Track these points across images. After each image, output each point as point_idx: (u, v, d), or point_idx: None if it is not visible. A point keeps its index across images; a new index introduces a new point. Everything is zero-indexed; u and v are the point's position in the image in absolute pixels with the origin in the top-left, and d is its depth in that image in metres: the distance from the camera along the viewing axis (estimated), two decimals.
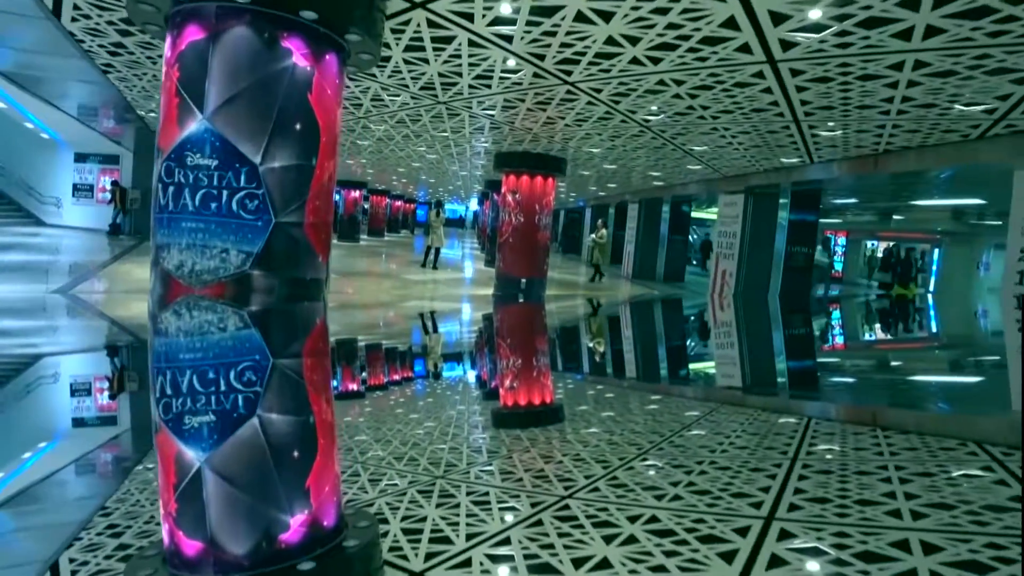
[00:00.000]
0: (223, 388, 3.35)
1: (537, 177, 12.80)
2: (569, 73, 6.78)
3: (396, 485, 2.74)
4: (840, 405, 5.25)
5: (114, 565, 2.15)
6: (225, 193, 4.27)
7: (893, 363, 8.51)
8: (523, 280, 13.12)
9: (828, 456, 3.25)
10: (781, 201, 14.88)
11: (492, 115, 9.23)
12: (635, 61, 6.19)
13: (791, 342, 9.49)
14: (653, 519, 2.39)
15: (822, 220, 16.79)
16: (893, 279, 22.70)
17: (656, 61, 6.15)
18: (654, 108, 8.23)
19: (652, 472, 2.96)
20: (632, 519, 2.39)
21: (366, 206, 30.40)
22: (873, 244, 28.32)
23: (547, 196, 13.06)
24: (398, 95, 8.39)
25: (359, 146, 13.73)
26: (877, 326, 13.84)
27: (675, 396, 5.41)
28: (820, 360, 8.27)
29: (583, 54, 6.11)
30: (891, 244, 24.57)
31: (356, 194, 24.65)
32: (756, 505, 2.52)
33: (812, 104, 7.42)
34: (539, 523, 2.36)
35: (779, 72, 6.26)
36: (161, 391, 3.44)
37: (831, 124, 8.56)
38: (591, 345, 8.64)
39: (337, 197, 27.81)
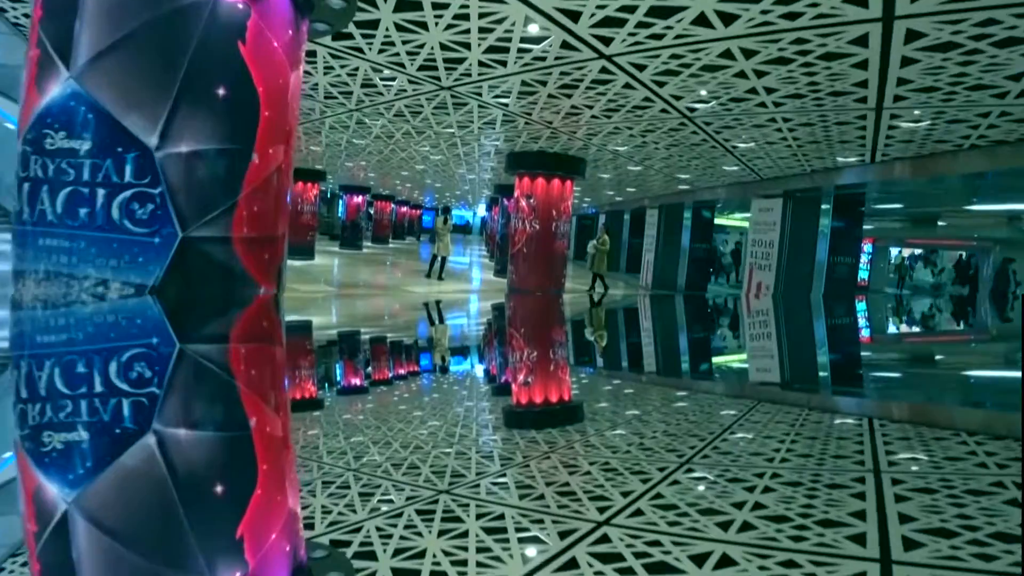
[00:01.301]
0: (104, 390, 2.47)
1: (554, 179, 11.22)
2: (608, 42, 5.20)
3: (391, 502, 2.21)
4: (904, 404, 4.56)
5: None
6: (102, 193, 2.71)
7: (957, 359, 7.49)
8: (538, 293, 11.55)
9: (915, 468, 2.64)
10: (823, 207, 13.25)
11: (506, 104, 7.66)
12: (700, 21, 4.60)
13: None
14: (725, 560, 1.71)
15: None
16: (972, 292, 20.56)
17: (729, 20, 4.56)
18: (704, 93, 6.64)
19: (703, 488, 2.38)
20: (697, 560, 1.71)
21: (371, 211, 28.94)
22: (898, 250, 26.61)
23: (565, 201, 11.48)
24: (393, 78, 6.83)
25: (356, 146, 12.19)
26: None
27: (702, 392, 4.84)
28: (866, 353, 7.34)
29: (631, 10, 4.52)
30: (963, 254, 22.37)
31: (359, 199, 23.15)
32: (857, 539, 1.83)
33: (911, 85, 5.80)
34: (573, 564, 1.70)
35: (890, 35, 4.65)
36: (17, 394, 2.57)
37: (917, 112, 6.95)
38: (597, 337, 7.96)
39: (339, 202, 26.30)
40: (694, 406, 4.21)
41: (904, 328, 11.60)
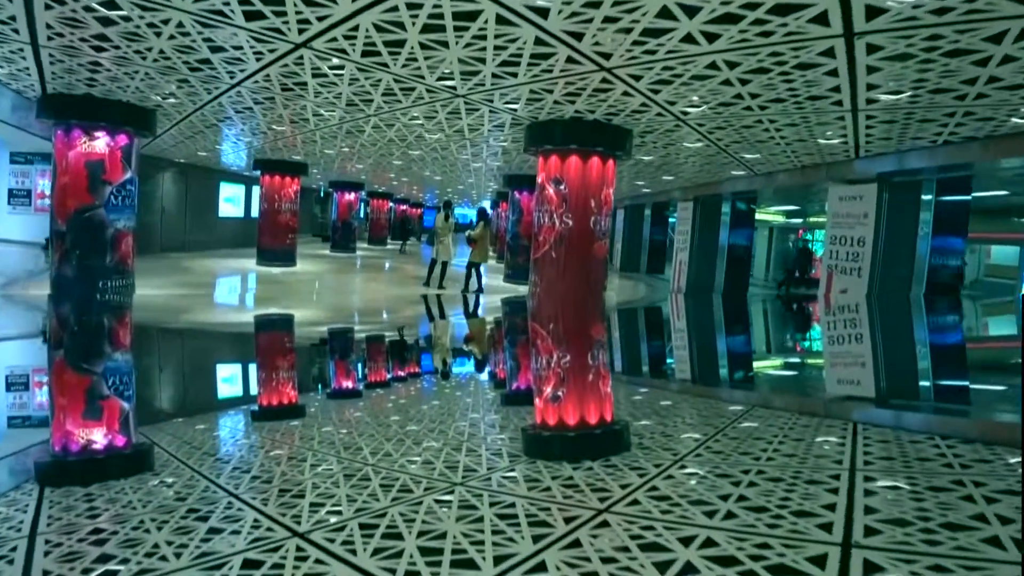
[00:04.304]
0: None
1: (592, 158, 7.82)
2: None
3: None
4: None
5: None
6: None
7: None
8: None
9: None
10: (923, 196, 9.87)
11: (545, 12, 4.27)
12: None
13: None
14: None
15: None
16: None
17: None
18: None
19: None
20: None
21: (369, 211, 25.60)
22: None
23: (606, 187, 8.08)
24: None
25: (327, 121, 8.79)
26: None
27: (765, 407, 3.57)
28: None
29: None
30: None
31: (351, 197, 19.75)
32: None
33: None
34: None
35: None
36: None
37: None
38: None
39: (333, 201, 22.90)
40: (771, 427, 2.94)
41: None
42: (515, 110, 7.21)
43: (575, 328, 7.29)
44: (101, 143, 8.40)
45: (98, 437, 3.07)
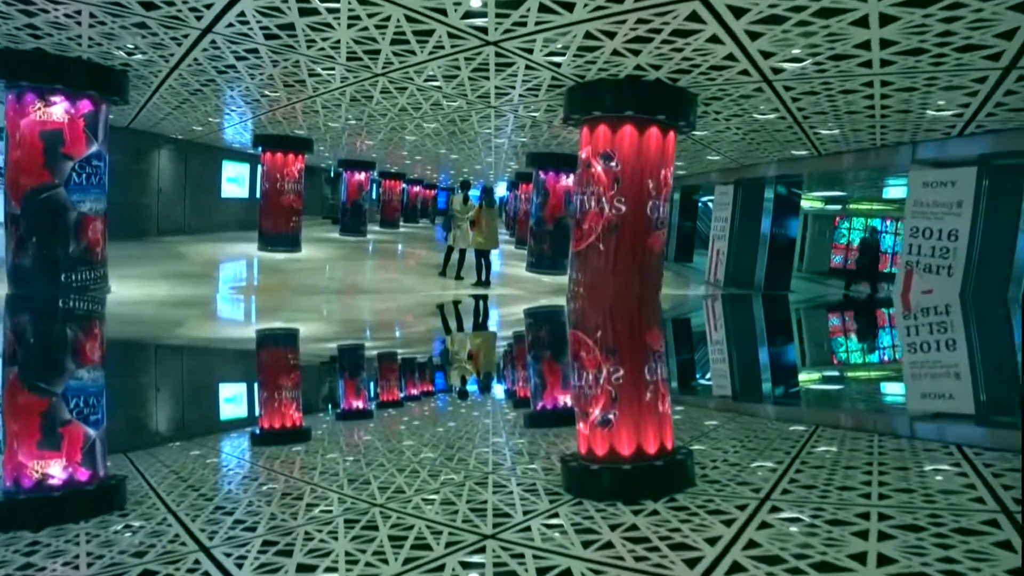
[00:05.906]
0: None
1: (651, 129, 6.19)
2: None
3: None
4: None
5: None
6: None
7: None
8: None
9: None
10: None
11: None
12: None
13: None
14: None
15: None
16: None
17: None
18: None
19: None
20: None
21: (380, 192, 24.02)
22: None
23: (666, 166, 6.47)
24: None
25: (326, 83, 7.21)
26: None
27: (831, 426, 3.00)
28: None
29: None
30: None
31: (361, 177, 18.19)
32: None
33: None
34: None
35: None
36: None
37: None
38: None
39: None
40: (855, 453, 2.34)
41: None
42: (558, 65, 5.59)
43: (629, 338, 5.77)
44: (59, 109, 6.90)
45: (57, 471, 2.51)
